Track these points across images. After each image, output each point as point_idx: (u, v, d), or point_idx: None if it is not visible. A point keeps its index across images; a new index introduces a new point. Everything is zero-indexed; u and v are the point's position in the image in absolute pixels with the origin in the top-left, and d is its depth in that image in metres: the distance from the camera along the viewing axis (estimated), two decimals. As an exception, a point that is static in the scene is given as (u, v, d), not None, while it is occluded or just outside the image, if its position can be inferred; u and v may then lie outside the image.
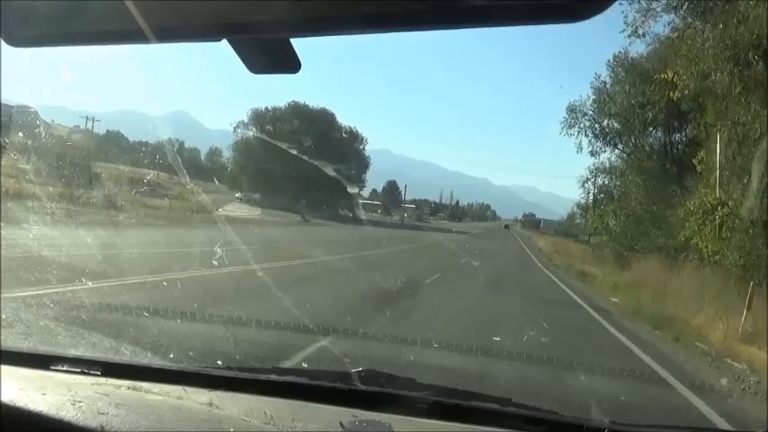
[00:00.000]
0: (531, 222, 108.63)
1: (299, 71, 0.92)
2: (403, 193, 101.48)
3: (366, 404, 1.66)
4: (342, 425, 1.51)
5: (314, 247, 16.90)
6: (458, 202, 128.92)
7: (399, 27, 0.82)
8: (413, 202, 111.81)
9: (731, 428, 4.78)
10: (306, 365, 2.99)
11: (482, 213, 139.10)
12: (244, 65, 0.90)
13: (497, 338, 7.02)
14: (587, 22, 0.78)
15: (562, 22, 0.78)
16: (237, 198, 42.09)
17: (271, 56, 0.89)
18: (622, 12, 16.91)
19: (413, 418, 1.66)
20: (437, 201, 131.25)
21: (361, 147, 57.28)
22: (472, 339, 6.56)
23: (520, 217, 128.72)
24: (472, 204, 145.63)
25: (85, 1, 0.91)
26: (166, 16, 0.87)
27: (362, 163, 56.46)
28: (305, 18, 0.81)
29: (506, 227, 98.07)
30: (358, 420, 1.56)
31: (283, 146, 32.50)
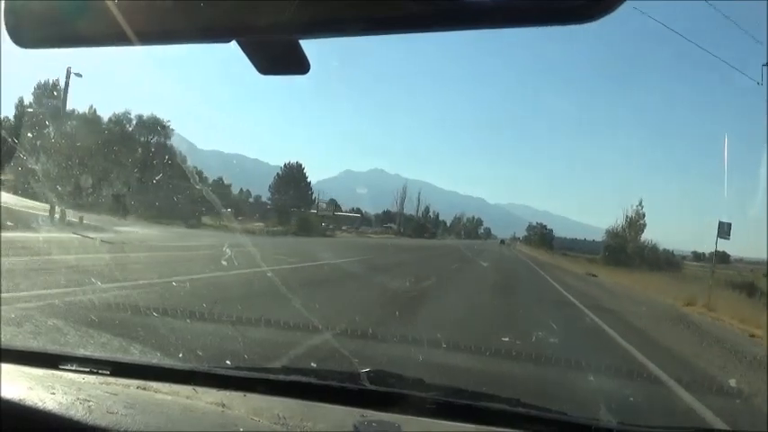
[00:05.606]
0: (540, 238, 71.14)
1: (308, 72, 0.92)
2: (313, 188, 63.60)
3: (375, 404, 1.67)
4: (352, 425, 1.52)
5: None
6: (427, 209, 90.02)
7: (407, 29, 0.83)
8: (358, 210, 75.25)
9: (736, 429, 4.69)
10: (315, 365, 2.85)
11: (472, 229, 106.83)
12: (253, 66, 0.91)
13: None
14: (594, 23, 0.78)
15: (570, 23, 0.77)
16: None
17: (280, 57, 0.90)
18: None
19: (422, 419, 1.66)
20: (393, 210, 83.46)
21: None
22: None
23: (519, 233, 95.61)
24: (461, 219, 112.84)
25: (94, 1, 0.91)
26: (176, 18, 0.88)
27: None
28: (314, 19, 0.82)
29: (502, 242, 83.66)
30: (367, 420, 1.56)
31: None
